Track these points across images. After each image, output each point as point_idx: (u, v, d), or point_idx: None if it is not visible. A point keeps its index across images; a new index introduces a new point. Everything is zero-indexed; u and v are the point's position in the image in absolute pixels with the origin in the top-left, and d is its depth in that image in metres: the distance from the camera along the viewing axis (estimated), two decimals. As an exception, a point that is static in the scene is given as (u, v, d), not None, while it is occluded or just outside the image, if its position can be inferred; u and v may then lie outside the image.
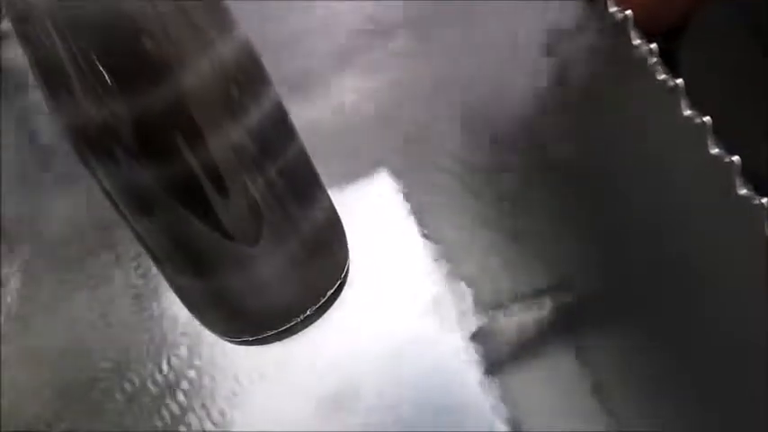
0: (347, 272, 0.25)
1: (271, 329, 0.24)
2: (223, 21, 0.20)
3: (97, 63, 0.17)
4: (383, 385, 0.28)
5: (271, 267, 0.22)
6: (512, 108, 0.28)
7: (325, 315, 0.24)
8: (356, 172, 0.30)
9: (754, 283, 0.21)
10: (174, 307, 0.30)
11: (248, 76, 0.20)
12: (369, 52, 0.30)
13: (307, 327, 0.24)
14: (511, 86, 0.28)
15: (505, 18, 0.28)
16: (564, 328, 0.27)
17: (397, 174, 0.30)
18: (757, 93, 0.27)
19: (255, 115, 0.20)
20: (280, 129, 0.22)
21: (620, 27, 0.24)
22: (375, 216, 0.29)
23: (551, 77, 0.27)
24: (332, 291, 0.24)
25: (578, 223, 0.28)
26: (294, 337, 0.24)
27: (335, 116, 0.30)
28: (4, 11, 0.18)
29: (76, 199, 0.31)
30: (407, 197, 0.29)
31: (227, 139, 0.19)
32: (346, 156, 0.30)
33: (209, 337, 0.29)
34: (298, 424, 0.28)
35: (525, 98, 0.28)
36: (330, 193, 0.24)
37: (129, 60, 0.18)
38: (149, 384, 0.29)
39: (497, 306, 0.28)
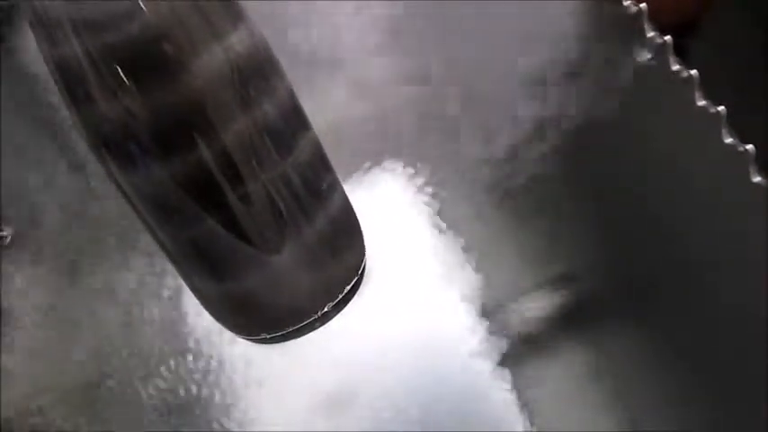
0: (364, 267, 0.26)
1: (289, 327, 0.24)
2: (235, 14, 0.21)
3: (113, 62, 0.18)
4: (390, 383, 0.28)
5: (288, 265, 0.23)
6: (524, 103, 0.29)
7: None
8: (369, 166, 0.31)
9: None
10: (175, 306, 0.30)
11: (262, 69, 0.21)
12: (382, 43, 0.31)
13: (324, 323, 0.25)
14: (524, 81, 0.29)
15: (518, 13, 0.29)
16: (576, 319, 0.28)
17: (409, 169, 0.31)
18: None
19: (270, 109, 0.21)
20: (294, 122, 0.23)
21: (634, 20, 0.25)
22: (385, 211, 0.30)
23: (564, 71, 0.28)
24: (349, 287, 0.25)
25: (591, 214, 0.29)
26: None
27: (348, 109, 0.31)
28: (21, 12, 0.19)
29: (80, 193, 0.31)
30: (421, 191, 0.30)
31: (242, 133, 0.20)
32: (359, 149, 0.31)
33: (209, 336, 0.30)
34: (300, 423, 0.28)
35: (538, 93, 0.29)
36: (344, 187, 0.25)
37: (145, 58, 0.18)
38: (150, 385, 0.29)
39: (509, 299, 0.29)
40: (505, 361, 0.28)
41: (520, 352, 0.28)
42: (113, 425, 0.29)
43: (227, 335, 0.28)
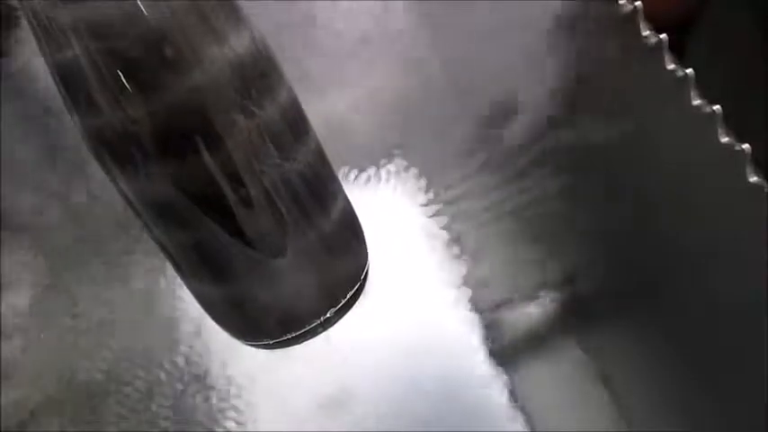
0: (367, 272, 0.26)
1: (291, 333, 0.24)
2: (235, 16, 0.20)
3: (115, 66, 0.18)
4: (389, 383, 0.28)
5: (291, 269, 0.23)
6: (522, 103, 0.29)
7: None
8: (370, 169, 0.31)
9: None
10: (175, 308, 0.30)
11: (263, 71, 0.21)
12: (382, 44, 0.31)
13: (327, 329, 0.25)
14: (521, 82, 0.29)
15: (514, 14, 0.29)
16: (575, 321, 0.29)
17: (408, 171, 0.31)
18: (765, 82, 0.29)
19: (271, 111, 0.21)
20: (296, 123, 0.23)
21: (629, 18, 0.26)
22: (385, 213, 0.30)
23: (560, 71, 0.28)
24: (352, 292, 0.25)
25: (587, 217, 0.29)
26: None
27: (349, 111, 0.31)
28: (22, 15, 0.19)
29: (80, 194, 0.31)
30: (422, 194, 0.30)
31: (244, 136, 0.20)
32: (360, 153, 0.31)
33: (209, 338, 0.30)
34: (300, 423, 0.28)
35: (536, 93, 0.29)
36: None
37: (148, 63, 0.18)
38: (148, 386, 0.29)
39: (507, 301, 0.29)
40: (505, 362, 0.28)
41: (519, 353, 0.28)
42: (110, 425, 0.29)
43: (228, 337, 0.28)
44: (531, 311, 0.29)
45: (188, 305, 0.30)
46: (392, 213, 0.30)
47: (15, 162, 0.31)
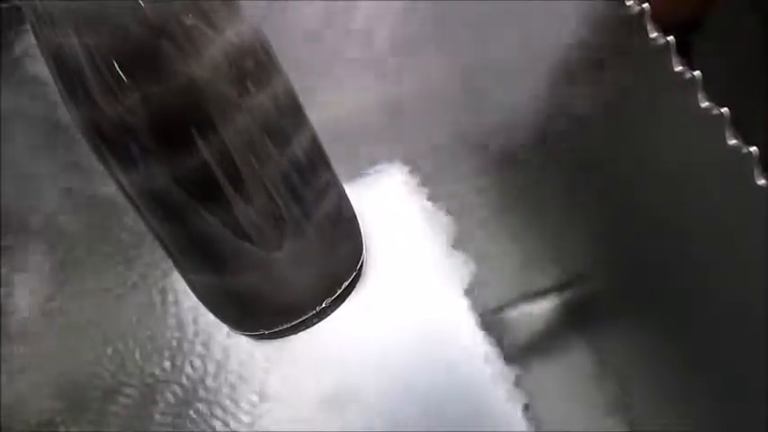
0: (363, 263, 0.26)
1: (286, 323, 0.25)
2: (233, 11, 0.21)
3: (112, 58, 0.18)
4: (390, 382, 0.28)
5: (286, 260, 0.23)
6: (526, 103, 0.29)
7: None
8: (369, 164, 0.31)
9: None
10: (174, 306, 0.31)
11: (260, 65, 0.21)
12: (382, 41, 0.31)
13: (322, 319, 0.25)
14: (526, 82, 0.29)
15: (521, 14, 0.29)
16: (577, 320, 0.28)
17: (410, 168, 0.31)
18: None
19: (268, 105, 0.21)
20: (292, 117, 0.23)
21: (636, 20, 0.25)
22: (387, 211, 0.30)
23: (567, 71, 0.28)
24: (347, 282, 0.25)
25: (591, 217, 0.29)
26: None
27: (348, 107, 0.31)
28: (22, 13, 0.19)
29: (81, 192, 0.32)
30: (420, 192, 0.30)
31: (241, 129, 0.20)
32: (359, 148, 0.31)
33: (209, 336, 0.30)
34: (300, 423, 0.28)
35: (540, 93, 0.29)
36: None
37: (145, 55, 0.19)
38: (148, 385, 0.30)
39: (511, 299, 0.29)
40: (506, 361, 0.28)
41: (521, 352, 0.28)
42: (112, 425, 0.29)
43: (227, 335, 0.29)
44: (534, 311, 0.29)
45: (188, 303, 0.30)
46: (393, 213, 0.30)
47: (17, 161, 0.32)
